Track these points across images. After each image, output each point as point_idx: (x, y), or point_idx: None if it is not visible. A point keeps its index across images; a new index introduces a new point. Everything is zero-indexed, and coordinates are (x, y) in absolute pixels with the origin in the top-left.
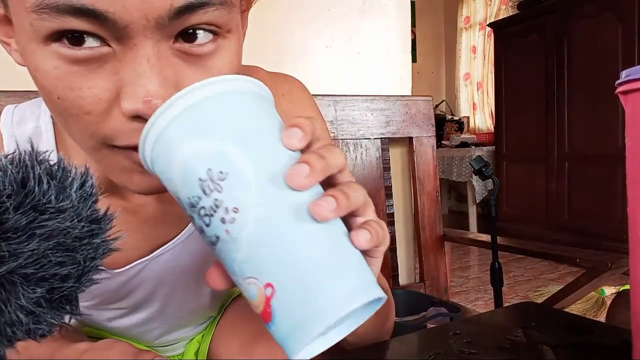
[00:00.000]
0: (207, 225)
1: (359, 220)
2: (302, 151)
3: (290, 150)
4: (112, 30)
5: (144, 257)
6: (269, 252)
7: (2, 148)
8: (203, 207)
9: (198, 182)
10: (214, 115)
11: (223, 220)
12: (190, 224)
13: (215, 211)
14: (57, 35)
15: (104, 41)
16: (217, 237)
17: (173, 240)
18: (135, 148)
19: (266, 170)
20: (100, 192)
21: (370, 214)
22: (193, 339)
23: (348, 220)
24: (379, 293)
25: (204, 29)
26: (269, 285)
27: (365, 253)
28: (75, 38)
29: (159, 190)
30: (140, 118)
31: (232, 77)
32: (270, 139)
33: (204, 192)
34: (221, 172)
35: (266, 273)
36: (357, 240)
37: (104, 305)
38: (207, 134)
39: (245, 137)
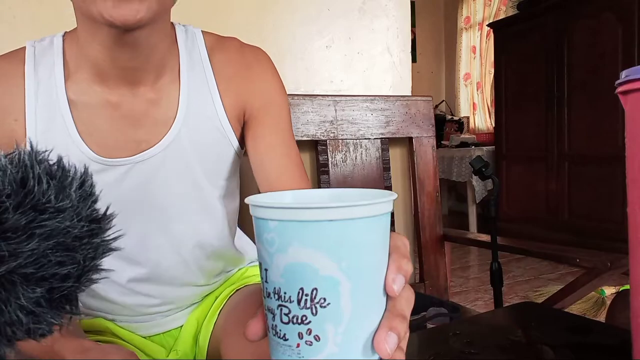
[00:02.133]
0: (282, 322)
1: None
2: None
3: (391, 294)
4: None
5: (129, 155)
6: None
7: (24, 55)
8: (290, 312)
9: (298, 290)
10: (348, 240)
11: (300, 336)
12: (170, 131)
13: (298, 324)
14: None
15: None
16: (283, 337)
17: (154, 147)
18: None
19: (360, 311)
20: (93, 81)
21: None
22: (191, 314)
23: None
24: None
25: None
26: None
27: None
28: None
29: (139, 22)
30: None
31: (382, 198)
32: (378, 274)
33: (298, 303)
34: (324, 299)
35: None
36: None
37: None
38: (331, 255)
39: (358, 272)
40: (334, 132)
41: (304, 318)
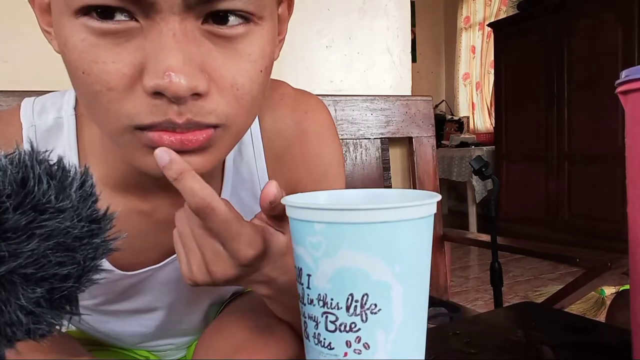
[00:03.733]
0: (328, 330)
1: None
2: None
3: None
4: (141, 4)
5: (154, 264)
6: None
7: (20, 138)
8: (337, 319)
9: (348, 296)
10: (401, 242)
11: (348, 344)
12: None
13: (346, 331)
14: (87, 10)
15: (132, 16)
16: (329, 345)
17: None
18: (157, 127)
19: (410, 316)
20: (117, 191)
21: None
22: (192, 344)
23: None
24: None
25: (235, 14)
26: None
27: None
28: (104, 12)
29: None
30: (162, 95)
31: (429, 199)
32: (425, 278)
33: (347, 310)
34: (375, 305)
35: None
36: None
37: (105, 306)
38: (384, 258)
39: (410, 276)
40: None
41: (352, 325)
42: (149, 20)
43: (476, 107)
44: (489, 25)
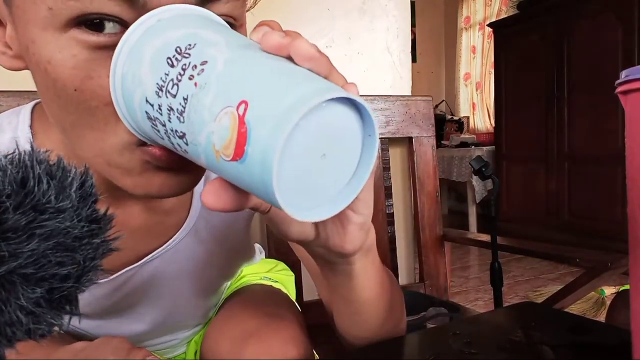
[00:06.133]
0: (174, 96)
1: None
2: None
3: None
4: (139, 13)
5: (131, 264)
6: (239, 75)
7: None
8: (171, 80)
9: (166, 60)
10: (184, 21)
11: (191, 77)
12: (180, 231)
13: (182, 75)
14: (77, 21)
15: (124, 26)
16: (185, 98)
17: (163, 247)
18: (153, 143)
19: (235, 40)
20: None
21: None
22: (191, 340)
23: None
24: (348, 94)
25: (224, 20)
26: (241, 102)
27: None
28: (96, 24)
29: (174, 191)
30: None
31: (190, 6)
32: (239, 35)
33: (172, 66)
34: (189, 45)
35: (238, 93)
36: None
37: (93, 318)
38: (177, 28)
39: (215, 27)
40: None
41: (183, 66)
42: None
43: (476, 107)
44: (489, 25)
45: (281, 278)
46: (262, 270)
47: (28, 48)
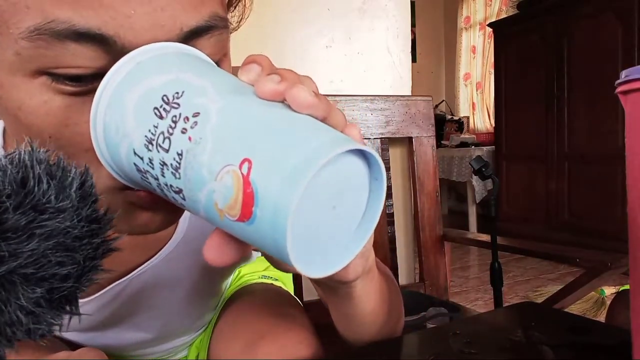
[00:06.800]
0: (167, 151)
1: None
2: None
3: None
4: (117, 56)
5: (122, 277)
6: (235, 128)
7: None
8: (161, 133)
9: (153, 111)
10: (165, 63)
11: (184, 131)
12: (169, 243)
13: (174, 128)
14: (49, 72)
15: (103, 71)
16: (180, 154)
17: (152, 259)
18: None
19: (223, 84)
20: None
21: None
22: (193, 343)
23: None
24: (357, 145)
25: (207, 54)
26: (244, 160)
27: None
28: (70, 76)
29: (160, 227)
30: None
31: (169, 43)
32: (225, 74)
33: (160, 117)
34: (177, 93)
35: (238, 149)
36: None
37: (88, 332)
38: (159, 73)
39: (199, 68)
40: None
41: (173, 118)
42: None
43: (476, 107)
44: (489, 25)
45: (280, 275)
46: (259, 269)
47: None
